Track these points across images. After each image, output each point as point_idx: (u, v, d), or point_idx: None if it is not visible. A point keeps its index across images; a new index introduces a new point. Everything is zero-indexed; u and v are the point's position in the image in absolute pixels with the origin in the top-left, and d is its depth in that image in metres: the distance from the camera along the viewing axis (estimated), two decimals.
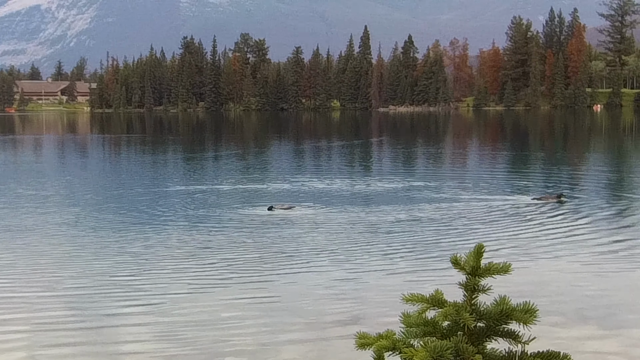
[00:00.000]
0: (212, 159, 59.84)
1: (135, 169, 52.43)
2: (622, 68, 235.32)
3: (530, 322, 3.58)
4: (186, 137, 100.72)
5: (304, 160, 56.78)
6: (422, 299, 3.70)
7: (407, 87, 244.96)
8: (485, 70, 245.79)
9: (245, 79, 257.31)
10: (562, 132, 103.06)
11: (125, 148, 78.15)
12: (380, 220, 26.24)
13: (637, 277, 17.87)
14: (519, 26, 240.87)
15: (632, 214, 27.23)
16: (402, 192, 34.30)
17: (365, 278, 18.03)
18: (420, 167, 49.72)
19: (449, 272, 4.00)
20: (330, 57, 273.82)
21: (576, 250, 20.89)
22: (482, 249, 3.75)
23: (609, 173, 45.30)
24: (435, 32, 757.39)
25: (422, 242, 22.49)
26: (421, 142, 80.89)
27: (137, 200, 32.65)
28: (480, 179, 38.89)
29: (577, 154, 61.12)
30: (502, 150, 67.83)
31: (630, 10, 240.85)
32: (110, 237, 23.72)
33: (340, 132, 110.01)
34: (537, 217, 26.56)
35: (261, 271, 18.88)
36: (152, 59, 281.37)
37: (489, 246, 19.85)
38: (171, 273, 18.74)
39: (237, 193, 34.53)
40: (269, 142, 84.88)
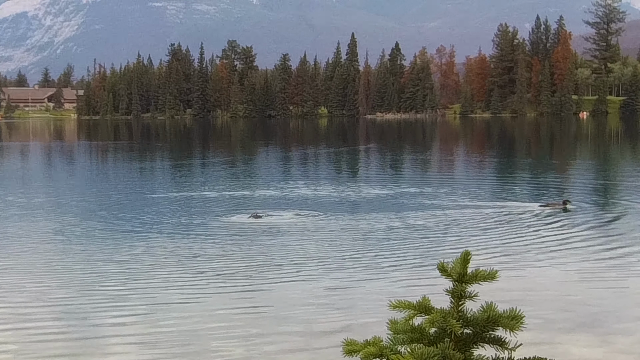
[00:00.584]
0: (199, 166, 59.79)
1: (122, 176, 52.28)
2: (608, 75, 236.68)
3: (517, 328, 3.59)
4: (173, 144, 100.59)
5: (292, 168, 56.79)
6: (409, 306, 3.70)
7: (394, 94, 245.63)
8: (472, 77, 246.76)
9: (233, 86, 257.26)
10: (551, 139, 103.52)
11: (112, 155, 77.95)
12: (369, 228, 26.27)
13: (626, 284, 17.94)
14: (505, 34, 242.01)
15: (625, 221, 27.36)
16: (389, 199, 34.37)
17: (354, 285, 18.01)
18: (408, 174, 49.82)
19: (437, 279, 4.03)
20: (318, 64, 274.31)
21: (567, 258, 20.96)
22: (469, 256, 3.76)
23: (599, 180, 45.56)
24: (422, 39, 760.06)
25: (411, 249, 22.51)
26: (409, 149, 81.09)
27: (124, 207, 32.55)
28: (470, 186, 38.99)
29: (568, 161, 61.38)
30: (491, 157, 68.07)
31: (615, 18, 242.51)
32: (97, 246, 23.58)
33: (328, 139, 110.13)
34: (528, 224, 26.64)
35: (249, 279, 18.83)
36: (139, 65, 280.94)
37: (477, 253, 19.93)
38: (158, 282, 18.66)
39: (224, 200, 34.49)
40: (256, 149, 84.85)
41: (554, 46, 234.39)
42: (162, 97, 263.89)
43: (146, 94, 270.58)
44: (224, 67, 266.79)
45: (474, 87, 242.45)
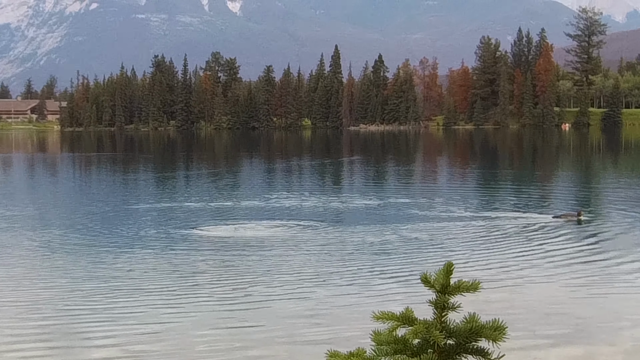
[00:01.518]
0: (182, 178, 59.70)
1: (104, 188, 52.13)
2: (589, 87, 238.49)
3: (500, 339, 3.61)
4: (157, 155, 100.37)
5: (275, 180, 56.84)
6: (393, 317, 3.71)
7: (378, 106, 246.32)
8: (455, 89, 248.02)
9: (216, 97, 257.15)
10: (535, 151, 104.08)
11: (95, 167, 77.66)
12: (352, 239, 26.31)
13: (609, 296, 18.08)
14: (488, 46, 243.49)
15: (610, 232, 27.51)
16: (372, 211, 34.46)
17: (337, 297, 18.03)
18: (392, 186, 49.99)
19: (421, 290, 4.03)
20: (301, 76, 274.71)
21: (550, 269, 21.03)
22: (452, 267, 3.77)
23: (584, 191, 45.89)
24: (405, 51, 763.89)
25: (394, 260, 22.55)
26: (393, 161, 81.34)
27: (106, 220, 32.43)
28: (455, 198, 39.08)
29: (553, 173, 61.74)
30: (475, 168, 68.37)
31: (596, 30, 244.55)
32: (79, 260, 23.38)
33: (312, 151, 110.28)
34: (511, 236, 26.73)
35: (232, 292, 18.79)
36: (123, 77, 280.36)
37: (461, 264, 20.10)
38: (140, 296, 18.54)
39: (207, 213, 34.45)
40: (240, 161, 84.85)
41: (536, 58, 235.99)
42: (146, 109, 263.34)
43: (130, 105, 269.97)
44: (208, 78, 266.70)
45: (457, 98, 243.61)
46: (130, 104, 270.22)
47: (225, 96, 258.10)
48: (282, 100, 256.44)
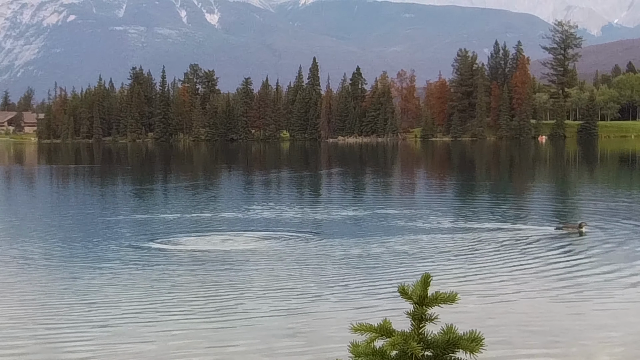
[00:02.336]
0: (161, 190, 59.55)
1: (82, 200, 51.87)
2: (565, 100, 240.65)
3: (477, 350, 3.62)
4: (135, 167, 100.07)
5: (254, 192, 56.87)
6: (371, 329, 3.72)
7: (356, 118, 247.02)
8: (432, 101, 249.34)
9: (195, 109, 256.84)
10: (514, 163, 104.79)
11: (72, 179, 77.32)
12: (331, 251, 26.32)
13: (587, 307, 18.18)
14: (465, 59, 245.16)
15: (588, 243, 27.72)
16: (352, 224, 34.57)
17: (315, 309, 18.08)
18: (371, 198, 50.17)
19: (399, 302, 4.09)
20: (280, 88, 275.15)
21: (528, 280, 21.15)
22: (429, 279, 3.79)
23: (562, 203, 46.33)
24: (382, 64, 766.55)
25: (373, 272, 22.63)
26: (372, 173, 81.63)
27: (83, 232, 32.16)
28: (433, 209, 39.21)
29: (534, 185, 62.22)
30: (453, 180, 68.77)
31: (572, 43, 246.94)
32: (55, 273, 23.16)
33: (290, 163, 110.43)
34: (490, 247, 26.85)
35: (209, 304, 18.76)
36: (101, 89, 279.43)
37: (439, 276, 20.27)
38: (117, 309, 18.44)
39: (185, 225, 34.40)
40: (218, 173, 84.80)
41: (513, 71, 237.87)
42: (124, 121, 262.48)
43: (107, 117, 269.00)
44: (186, 90, 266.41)
45: (435, 111, 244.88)
46: (108, 116, 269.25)
47: (203, 108, 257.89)
48: (260, 112, 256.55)
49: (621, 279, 21.39)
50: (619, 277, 21.55)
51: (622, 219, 34.22)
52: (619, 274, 22.07)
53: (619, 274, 22.07)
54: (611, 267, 22.97)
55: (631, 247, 26.61)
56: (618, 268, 22.87)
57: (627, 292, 19.56)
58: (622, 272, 22.29)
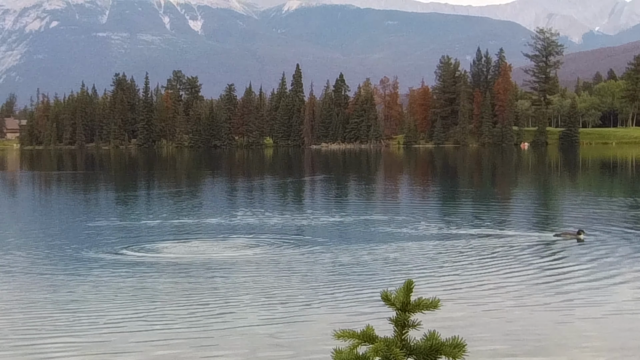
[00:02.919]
0: (143, 197, 59.37)
1: (64, 206, 51.63)
2: (547, 107, 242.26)
3: (459, 356, 3.64)
4: (118, 174, 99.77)
5: (237, 199, 56.89)
6: (353, 335, 3.73)
7: (339, 125, 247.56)
8: (415, 108, 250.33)
9: (178, 116, 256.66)
10: (496, 169, 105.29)
11: (55, 185, 77.02)
12: (314, 258, 26.22)
13: (571, 313, 18.11)
14: (447, 66, 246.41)
15: (573, 249, 27.76)
16: (336, 230, 34.58)
17: (298, 316, 18.10)
18: (355, 204, 50.28)
19: (382, 308, 4.05)
20: (263, 94, 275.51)
21: (512, 286, 21.25)
22: (412, 285, 3.80)
23: (544, 209, 46.67)
24: (365, 70, 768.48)
25: (356, 278, 22.64)
26: (356, 179, 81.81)
27: (65, 239, 31.81)
28: (416, 215, 39.35)
29: (519, 191, 62.59)
30: (436, 186, 69.03)
31: (554, 51, 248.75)
32: (36, 281, 23.04)
33: (274, 169, 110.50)
34: (475, 253, 26.95)
35: (192, 312, 18.71)
36: (84, 95, 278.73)
37: (423, 282, 20.41)
38: (100, 318, 18.32)
39: (168, 232, 34.30)
40: (201, 179, 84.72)
41: (495, 78, 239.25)
42: (107, 127, 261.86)
43: (90, 123, 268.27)
44: (169, 97, 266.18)
45: (417, 117, 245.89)
46: (91, 122, 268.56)
47: (186, 114, 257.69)
48: (243, 119, 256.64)
49: (609, 286, 21.36)
50: (607, 284, 21.51)
51: (606, 225, 34.48)
52: (607, 281, 22.09)
53: (607, 281, 22.09)
54: (600, 274, 22.93)
55: (618, 254, 26.63)
56: (606, 275, 22.89)
57: (615, 300, 19.56)
58: (610, 279, 22.31)
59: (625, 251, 27.27)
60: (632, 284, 21.80)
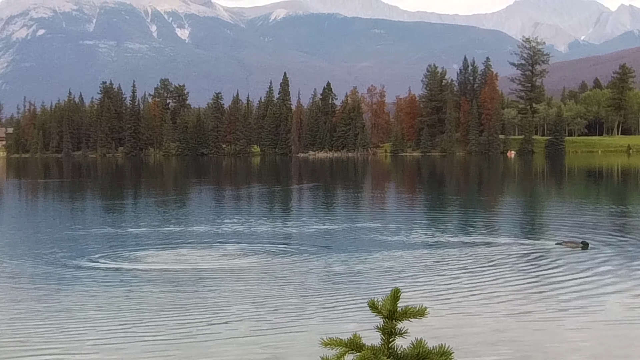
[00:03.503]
0: (130, 205, 59.24)
1: (50, 214, 51.41)
2: (534, 116, 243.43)
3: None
4: (105, 182, 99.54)
5: (225, 207, 56.85)
6: (341, 343, 3.73)
7: (326, 133, 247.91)
8: (402, 116, 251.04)
9: (165, 124, 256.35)
10: (484, 177, 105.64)
11: (41, 193, 76.70)
12: (302, 266, 26.23)
13: (558, 323, 18.15)
14: (434, 74, 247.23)
15: (558, 257, 27.80)
16: (325, 238, 34.49)
17: (286, 324, 18.08)
18: (343, 212, 50.29)
19: (369, 317, 4.00)
20: (250, 102, 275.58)
21: (499, 295, 21.35)
22: (399, 293, 3.80)
23: (530, 217, 46.85)
24: (353, 79, 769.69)
25: (343, 286, 22.66)
26: (344, 187, 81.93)
27: (50, 248, 31.58)
28: (403, 223, 39.41)
29: (507, 199, 62.78)
30: (423, 194, 69.18)
31: (540, 59, 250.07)
32: (19, 292, 22.87)
33: (262, 177, 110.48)
34: (462, 261, 26.93)
35: (181, 321, 18.67)
36: (70, 103, 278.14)
37: (410, 290, 20.41)
38: (86, 330, 18.23)
39: (155, 241, 34.19)
40: (189, 188, 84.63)
41: (481, 87, 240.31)
42: (94, 135, 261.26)
43: (77, 132, 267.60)
44: (157, 105, 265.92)
45: (404, 126, 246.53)
46: (78, 130, 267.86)
47: (174, 123, 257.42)
48: (231, 127, 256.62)
49: (600, 295, 21.28)
50: (597, 294, 21.50)
51: (592, 233, 34.67)
52: (597, 290, 22.07)
53: (598, 290, 22.06)
54: (590, 284, 22.90)
55: (608, 262, 26.60)
56: (597, 285, 22.84)
57: (605, 310, 19.61)
58: (601, 288, 22.34)
59: (615, 260, 27.31)
60: (625, 293, 21.80)
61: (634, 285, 22.85)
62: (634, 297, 21.21)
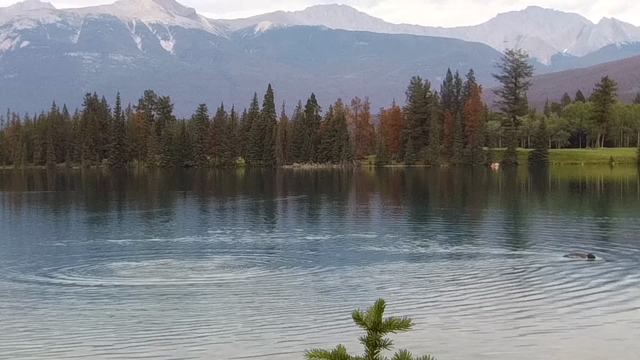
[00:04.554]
0: (114, 217, 58.97)
1: (33, 226, 51.15)
2: (517, 128, 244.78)
3: None
4: (89, 194, 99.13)
5: (209, 219, 56.75)
6: (325, 355, 3.72)
7: (311, 145, 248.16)
8: (386, 128, 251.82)
9: (150, 135, 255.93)
10: (469, 188, 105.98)
11: (25, 205, 76.30)
12: (287, 278, 26.19)
13: (539, 336, 18.30)
14: (418, 86, 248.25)
15: (543, 269, 27.88)
16: (308, 249, 34.46)
17: (270, 336, 18.04)
18: (326, 224, 50.25)
19: (354, 328, 3.98)
20: (235, 114, 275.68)
21: (483, 307, 21.39)
22: (383, 305, 3.78)
23: (515, 228, 47.07)
24: (337, 91, 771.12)
25: (328, 298, 22.68)
26: (327, 199, 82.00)
27: (33, 260, 31.59)
28: (387, 234, 39.52)
29: (493, 211, 62.99)
30: (407, 206, 69.29)
31: (523, 72, 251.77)
32: (4, 308, 22.77)
33: (246, 189, 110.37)
34: (447, 273, 27.00)
35: (162, 334, 18.65)
36: (55, 115, 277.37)
37: (395, 302, 20.42)
38: (67, 345, 18.12)
39: (137, 254, 34.11)
40: (173, 199, 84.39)
41: (465, 99, 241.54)
42: (78, 147, 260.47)
43: (61, 143, 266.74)
44: (141, 117, 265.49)
45: (389, 138, 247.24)
46: (62, 142, 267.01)
47: (158, 134, 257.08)
48: (215, 139, 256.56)
49: (585, 307, 21.40)
50: (582, 307, 21.52)
51: (573, 245, 34.90)
52: (581, 299, 22.24)
53: (581, 299, 22.25)
54: (576, 296, 22.94)
55: (593, 274, 26.68)
56: (582, 294, 22.98)
57: (589, 322, 19.63)
58: (587, 300, 22.43)
59: (598, 271, 27.48)
60: (607, 307, 21.99)
61: (626, 299, 22.98)
62: (624, 311, 21.32)
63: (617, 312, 20.76)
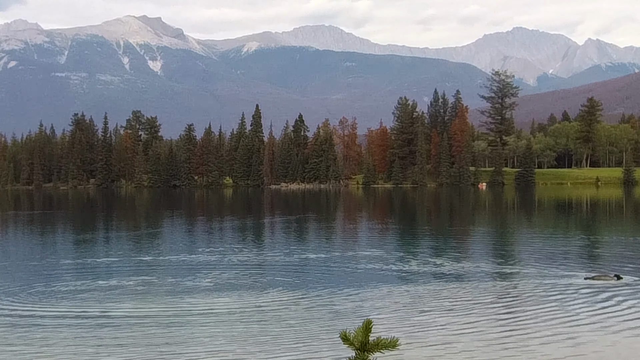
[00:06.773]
0: (101, 238, 58.83)
1: (20, 246, 51.00)
2: (503, 148, 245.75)
3: None
4: (76, 214, 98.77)
5: (196, 240, 56.68)
6: None
7: (299, 165, 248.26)
8: (374, 148, 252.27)
9: (137, 156, 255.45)
10: (458, 208, 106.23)
11: (11, 225, 75.91)
12: (273, 298, 26.35)
13: (533, 355, 18.67)
14: (405, 107, 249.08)
15: (527, 288, 28.19)
16: (296, 270, 34.54)
17: (256, 357, 18.12)
18: (314, 244, 50.31)
19: (342, 348, 4.03)
20: (222, 134, 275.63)
21: (471, 326, 21.47)
22: (371, 325, 3.77)
23: (502, 246, 47.24)
24: (324, 111, 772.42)
25: (315, 318, 22.74)
26: (315, 219, 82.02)
27: (18, 281, 31.57)
28: (375, 254, 39.61)
29: (480, 230, 63.20)
30: (393, 225, 69.37)
31: (509, 92, 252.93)
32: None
33: (234, 210, 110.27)
34: (435, 292, 27.12)
35: (149, 356, 18.67)
36: (42, 135, 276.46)
37: (381, 322, 20.45)
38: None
39: (124, 275, 34.07)
40: (160, 220, 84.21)
41: (452, 119, 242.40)
42: (65, 167, 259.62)
43: (48, 163, 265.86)
44: (129, 137, 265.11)
45: (376, 158, 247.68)
46: (49, 162, 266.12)
47: (146, 154, 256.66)
48: (203, 159, 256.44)
49: (572, 326, 21.54)
50: (570, 327, 21.66)
51: (557, 263, 35.10)
52: (568, 318, 22.35)
53: (569, 318, 22.36)
54: (565, 316, 23.13)
55: (581, 294, 26.94)
56: (569, 313, 23.18)
57: (578, 341, 19.82)
58: (577, 320, 22.52)
59: (584, 290, 27.66)
60: (595, 326, 22.12)
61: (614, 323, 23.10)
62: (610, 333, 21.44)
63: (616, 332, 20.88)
